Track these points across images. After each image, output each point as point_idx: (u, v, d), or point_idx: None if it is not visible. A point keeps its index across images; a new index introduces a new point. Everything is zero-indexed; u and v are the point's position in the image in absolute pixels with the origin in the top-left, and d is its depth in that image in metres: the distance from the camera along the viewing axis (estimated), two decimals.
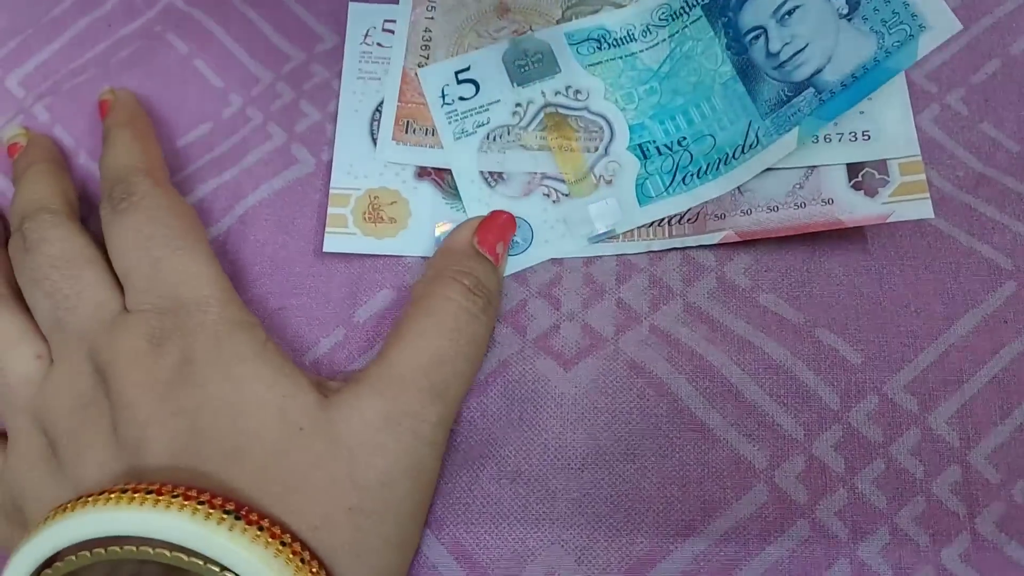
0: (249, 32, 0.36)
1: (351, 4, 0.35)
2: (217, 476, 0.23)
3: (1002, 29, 0.33)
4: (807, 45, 0.29)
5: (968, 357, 0.28)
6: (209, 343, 0.25)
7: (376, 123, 0.33)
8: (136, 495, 0.21)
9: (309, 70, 0.34)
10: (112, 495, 0.22)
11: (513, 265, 0.31)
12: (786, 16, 0.29)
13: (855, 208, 0.29)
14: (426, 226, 0.31)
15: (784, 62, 0.29)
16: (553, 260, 0.31)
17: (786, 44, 0.29)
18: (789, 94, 0.29)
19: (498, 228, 0.30)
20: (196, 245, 0.27)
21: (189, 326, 0.25)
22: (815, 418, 0.28)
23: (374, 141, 0.33)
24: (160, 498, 0.21)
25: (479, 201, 0.31)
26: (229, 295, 0.27)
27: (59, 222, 0.29)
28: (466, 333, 0.27)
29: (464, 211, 0.31)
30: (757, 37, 0.30)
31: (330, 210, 0.31)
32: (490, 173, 0.32)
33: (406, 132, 0.32)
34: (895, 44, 0.28)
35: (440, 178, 0.32)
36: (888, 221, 0.28)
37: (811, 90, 0.29)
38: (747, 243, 0.30)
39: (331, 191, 0.32)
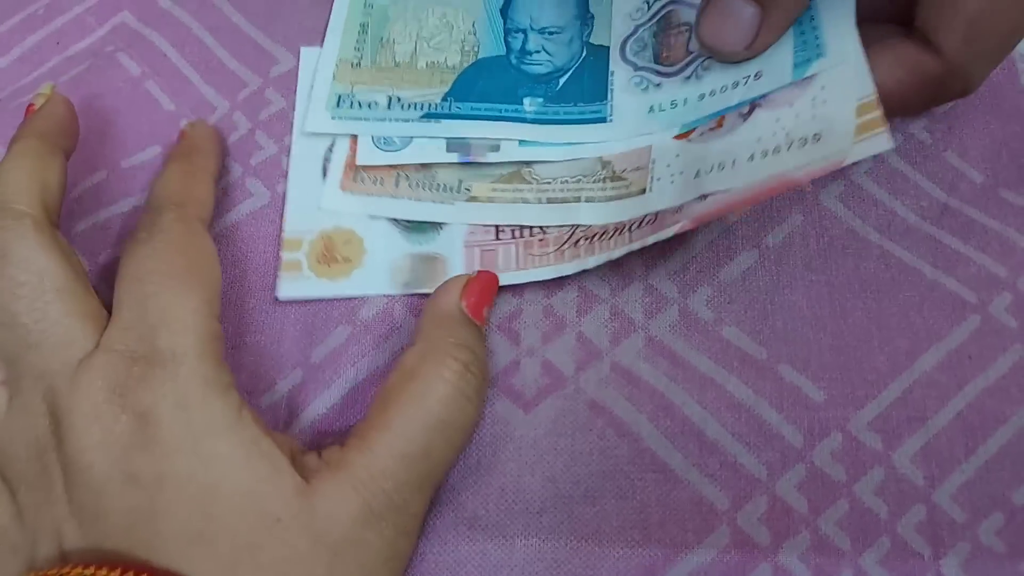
0: (203, 54, 0.35)
1: (303, 48, 0.34)
2: (176, 562, 0.22)
3: None
4: None
5: (932, 393, 0.28)
6: (177, 405, 0.23)
7: (328, 164, 0.32)
8: None
9: (265, 96, 0.34)
10: None
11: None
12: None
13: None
14: (382, 262, 0.30)
15: None
16: (513, 291, 0.30)
17: None
18: None
19: (483, 290, 0.28)
20: (192, 289, 0.25)
21: (157, 380, 0.23)
22: (778, 457, 0.27)
23: None
24: None
25: None
26: (208, 348, 0.24)
27: (23, 232, 0.25)
28: (456, 423, 0.25)
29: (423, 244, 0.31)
30: None
31: (284, 255, 0.30)
32: None
33: (354, 180, 0.31)
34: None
35: None
36: (846, 164, 0.25)
37: None
38: (710, 273, 0.30)
39: (284, 236, 0.31)
